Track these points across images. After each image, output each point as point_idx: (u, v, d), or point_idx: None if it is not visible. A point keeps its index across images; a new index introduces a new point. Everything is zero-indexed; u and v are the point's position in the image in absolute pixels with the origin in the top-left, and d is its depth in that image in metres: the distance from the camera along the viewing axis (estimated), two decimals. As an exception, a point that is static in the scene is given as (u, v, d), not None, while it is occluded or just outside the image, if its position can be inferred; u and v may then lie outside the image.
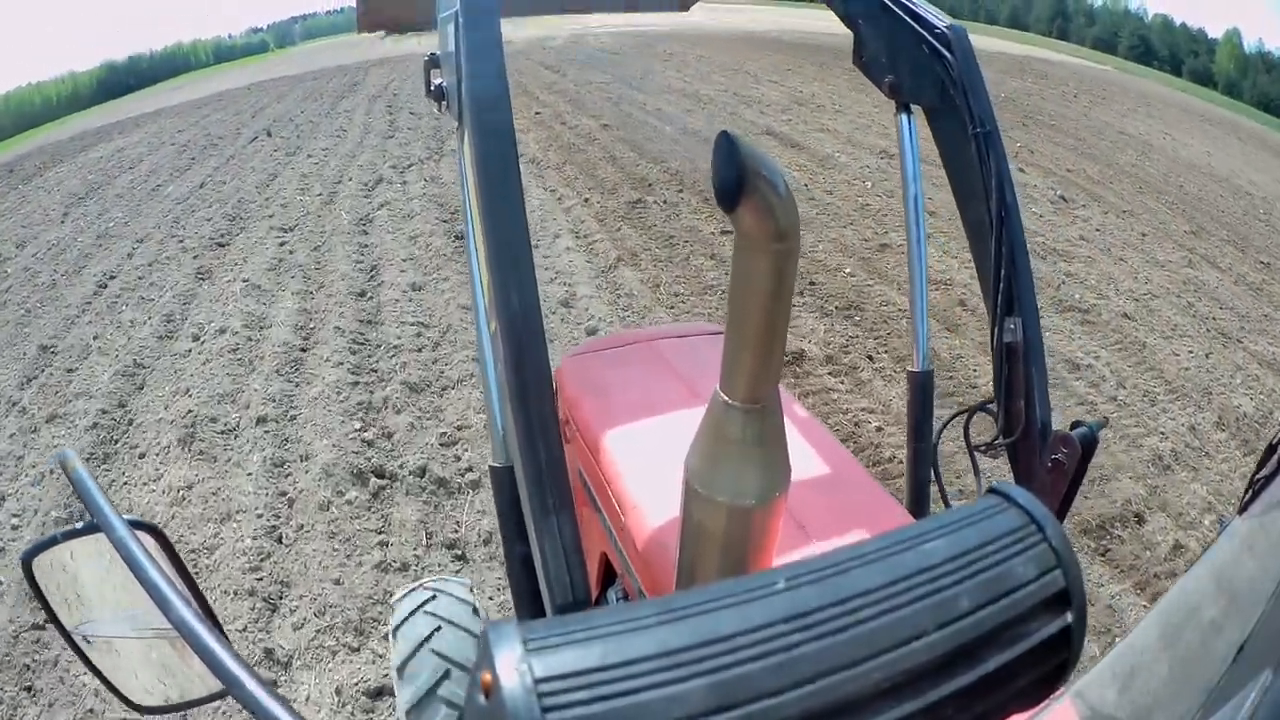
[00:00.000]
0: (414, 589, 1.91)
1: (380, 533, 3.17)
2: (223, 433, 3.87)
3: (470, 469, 3.56)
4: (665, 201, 7.33)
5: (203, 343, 4.90)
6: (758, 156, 0.49)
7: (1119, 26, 34.25)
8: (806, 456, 1.36)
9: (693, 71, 15.05)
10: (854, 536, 1.13)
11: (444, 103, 1.10)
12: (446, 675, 1.68)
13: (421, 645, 1.73)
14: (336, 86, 16.27)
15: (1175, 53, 31.87)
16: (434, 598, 1.84)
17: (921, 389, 1.48)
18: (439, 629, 1.75)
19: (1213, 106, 21.08)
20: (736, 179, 0.49)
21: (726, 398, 0.60)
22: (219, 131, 12.40)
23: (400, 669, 1.72)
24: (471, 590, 1.94)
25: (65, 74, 28.64)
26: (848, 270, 5.94)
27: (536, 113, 11.66)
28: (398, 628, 1.81)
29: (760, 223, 0.51)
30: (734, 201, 0.50)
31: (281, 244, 6.71)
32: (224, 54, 35.11)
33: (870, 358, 4.67)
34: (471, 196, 0.90)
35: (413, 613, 1.82)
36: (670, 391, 1.54)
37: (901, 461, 3.52)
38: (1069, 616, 0.34)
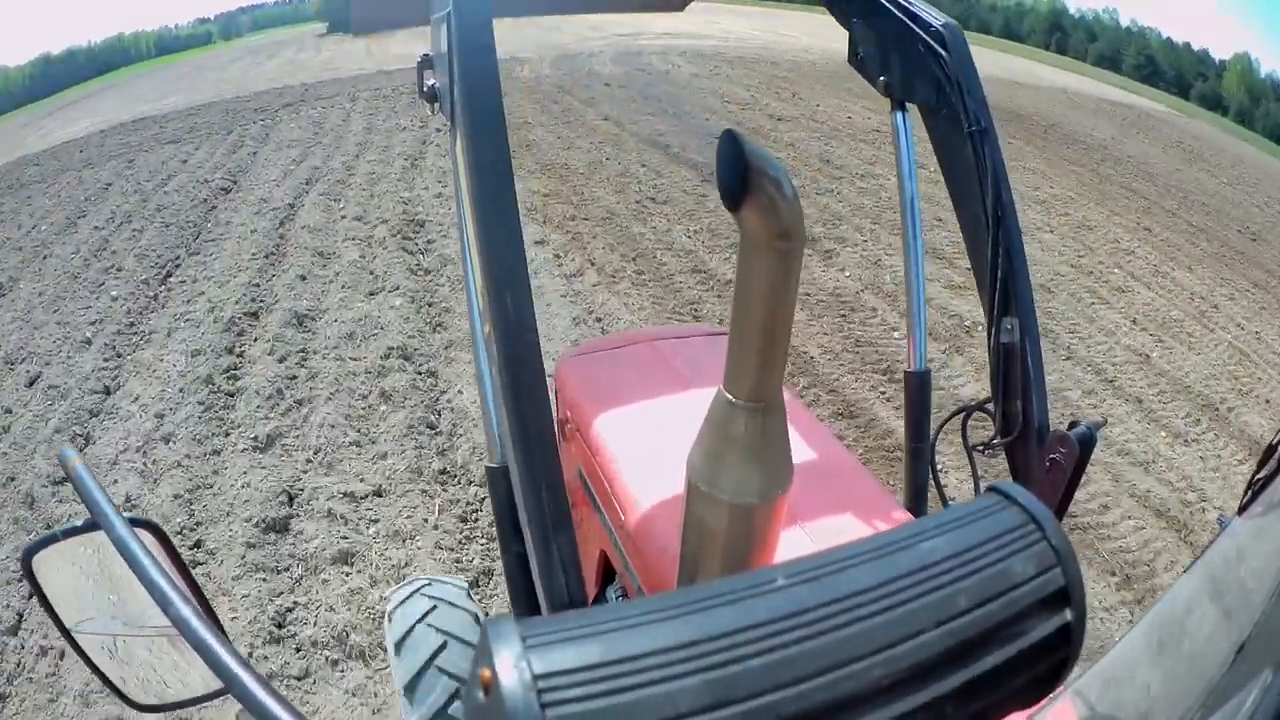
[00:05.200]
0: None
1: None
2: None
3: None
4: None
5: None
6: (762, 156, 0.49)
7: (1121, 44, 33.40)
8: (807, 455, 1.36)
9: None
10: (853, 535, 1.13)
11: (437, 104, 1.10)
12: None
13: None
14: (197, 187, 7.79)
15: (1182, 74, 30.68)
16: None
17: (919, 388, 1.48)
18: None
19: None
20: (741, 178, 0.49)
21: (730, 396, 0.60)
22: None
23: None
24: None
25: (-4, 69, 26.09)
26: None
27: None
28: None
29: (765, 222, 0.51)
30: (738, 200, 0.50)
31: None
32: (167, 46, 32.57)
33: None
34: (465, 199, 0.90)
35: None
36: (669, 391, 1.54)
37: None
38: (1068, 615, 0.34)
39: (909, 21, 1.25)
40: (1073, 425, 1.21)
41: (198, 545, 3.04)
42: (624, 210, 6.86)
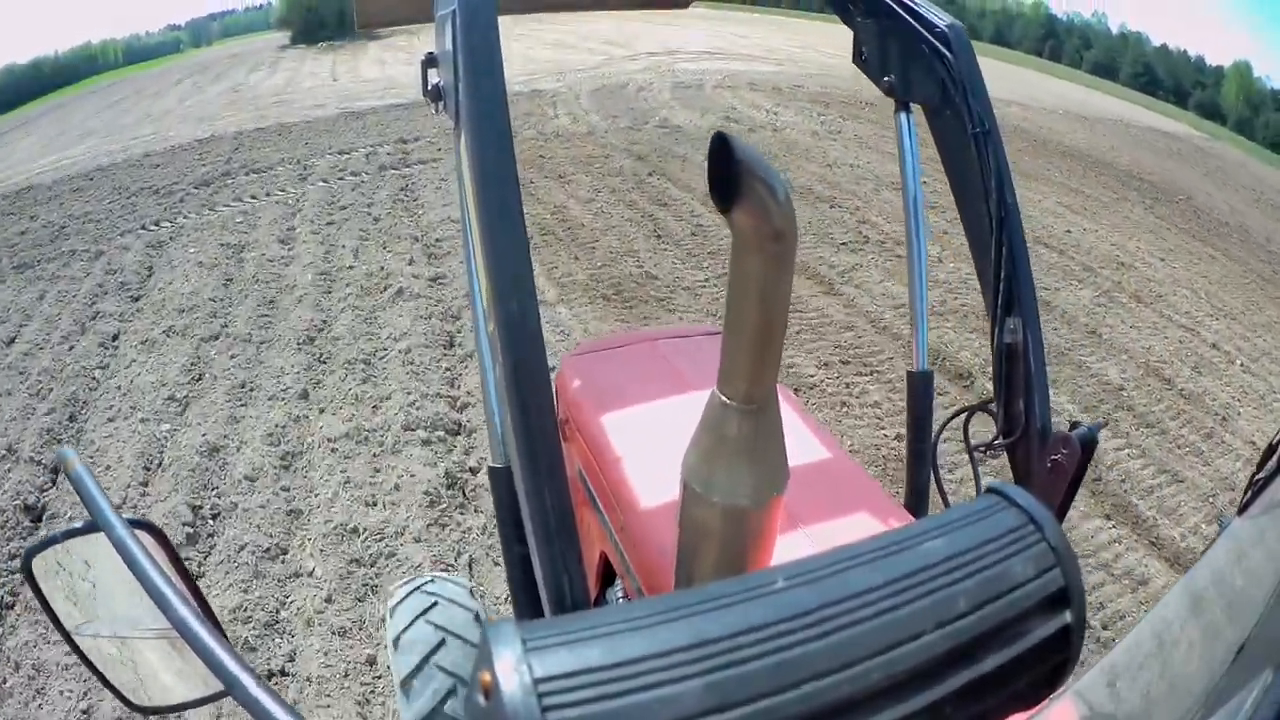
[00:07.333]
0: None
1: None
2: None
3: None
4: None
5: None
6: (754, 157, 0.49)
7: (1116, 51, 32.49)
8: (805, 456, 1.36)
9: None
10: (852, 536, 1.13)
11: (441, 103, 1.10)
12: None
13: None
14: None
15: (1180, 83, 29.77)
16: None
17: (921, 389, 1.48)
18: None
19: None
20: (732, 180, 0.49)
21: (724, 398, 0.60)
22: None
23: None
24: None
25: (-44, 83, 23.95)
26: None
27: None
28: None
29: (756, 224, 0.51)
30: (729, 202, 0.50)
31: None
32: (136, 54, 30.94)
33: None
34: (469, 197, 0.90)
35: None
36: (669, 391, 1.54)
37: None
38: (1068, 616, 0.34)
39: (913, 22, 1.25)
40: (1074, 426, 1.21)
41: None
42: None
